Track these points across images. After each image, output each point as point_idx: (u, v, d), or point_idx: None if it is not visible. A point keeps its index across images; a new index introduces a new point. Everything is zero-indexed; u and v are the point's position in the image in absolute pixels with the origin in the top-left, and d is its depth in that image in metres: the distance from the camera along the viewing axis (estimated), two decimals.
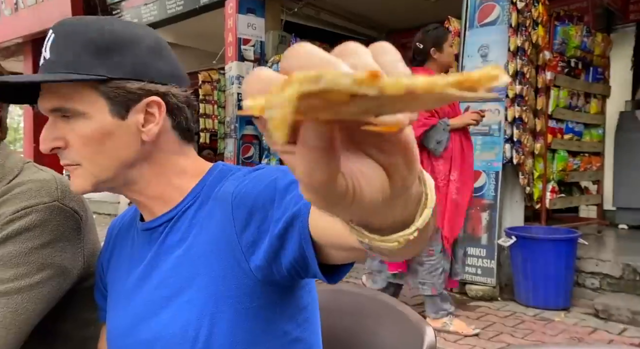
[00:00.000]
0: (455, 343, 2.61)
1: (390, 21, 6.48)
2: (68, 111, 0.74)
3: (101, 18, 0.79)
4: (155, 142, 0.78)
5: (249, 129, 5.46)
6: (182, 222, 0.78)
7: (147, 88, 0.76)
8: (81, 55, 0.73)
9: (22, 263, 0.85)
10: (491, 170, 3.43)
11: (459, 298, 3.44)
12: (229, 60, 5.30)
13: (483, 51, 3.51)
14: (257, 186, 0.69)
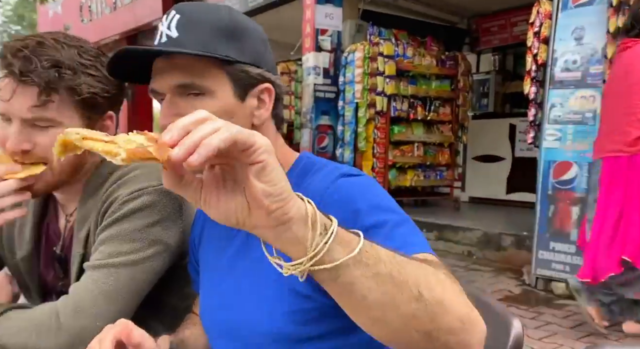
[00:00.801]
0: (539, 341, 2.48)
1: (473, 6, 6.19)
2: (198, 87, 0.76)
3: (217, 4, 0.82)
4: (260, 128, 0.81)
5: (324, 119, 5.51)
6: None
7: (263, 75, 0.80)
8: (211, 37, 0.76)
9: (137, 238, 0.95)
10: (583, 161, 3.19)
11: (544, 295, 3.26)
12: (306, 51, 5.37)
13: (577, 34, 3.25)
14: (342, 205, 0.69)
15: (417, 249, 0.64)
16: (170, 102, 0.76)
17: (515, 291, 3.41)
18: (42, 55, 0.90)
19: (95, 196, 1.02)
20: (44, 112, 0.91)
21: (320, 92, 5.39)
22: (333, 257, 0.51)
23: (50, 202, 1.11)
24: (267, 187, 0.51)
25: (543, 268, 3.38)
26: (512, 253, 4.12)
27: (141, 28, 7.55)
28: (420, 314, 0.53)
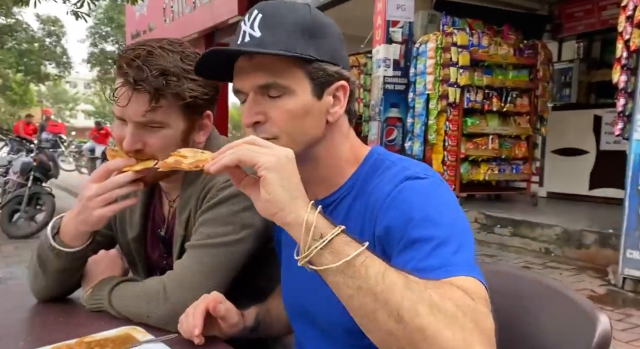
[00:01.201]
0: (628, 344, 2.35)
1: None
2: (280, 86, 0.79)
3: (297, 3, 0.84)
4: (334, 125, 0.84)
5: (393, 111, 5.48)
6: (339, 212, 0.85)
7: (340, 72, 0.82)
8: (293, 36, 0.78)
9: (231, 222, 1.06)
10: None
11: (633, 296, 3.07)
12: (376, 43, 5.36)
13: None
14: (399, 209, 0.74)
15: (452, 272, 0.66)
16: (252, 102, 0.80)
17: (599, 291, 3.23)
18: (152, 65, 0.99)
19: (195, 184, 1.13)
20: (154, 116, 1.01)
21: (389, 85, 5.36)
22: (321, 261, 0.64)
23: (156, 190, 1.24)
24: (267, 195, 0.67)
25: (632, 268, 3.17)
26: (595, 251, 3.89)
27: (218, 26, 7.89)
28: (398, 335, 0.59)
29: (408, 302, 0.59)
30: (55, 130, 14.34)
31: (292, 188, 0.68)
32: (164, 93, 1.00)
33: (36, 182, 5.70)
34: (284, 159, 0.69)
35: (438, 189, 0.77)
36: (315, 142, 0.83)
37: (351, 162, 0.87)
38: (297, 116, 0.79)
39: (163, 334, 0.92)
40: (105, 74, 19.19)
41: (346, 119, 0.87)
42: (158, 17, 9.82)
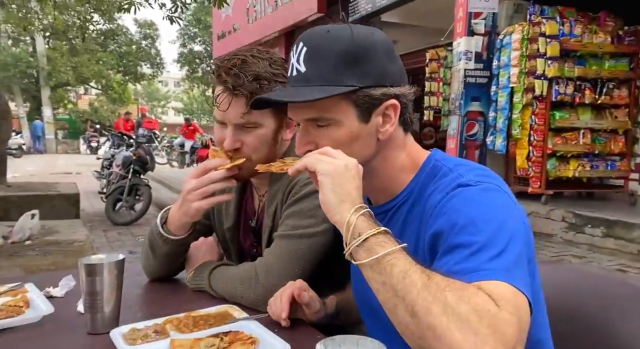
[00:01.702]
0: None
1: None
2: (325, 119, 0.84)
3: (340, 27, 0.86)
4: (386, 140, 0.87)
5: (474, 105, 5.31)
6: (399, 217, 0.90)
7: (388, 93, 0.84)
8: (335, 68, 0.82)
9: (313, 215, 1.15)
10: None
11: None
12: (457, 36, 5.22)
13: None
14: (447, 215, 0.77)
15: (484, 277, 0.68)
16: (303, 131, 0.88)
17: None
18: (247, 71, 1.11)
19: (281, 181, 1.24)
20: (250, 117, 1.13)
21: (471, 78, 5.20)
22: (357, 257, 0.73)
23: (248, 186, 1.37)
24: (322, 197, 0.78)
25: None
26: None
27: (298, 24, 8.09)
28: (413, 329, 0.65)
29: (423, 301, 0.64)
30: (150, 126, 15.56)
31: (342, 193, 0.77)
32: (258, 96, 1.11)
33: (135, 175, 6.26)
34: (341, 167, 0.78)
35: (487, 195, 0.79)
36: (369, 160, 0.87)
37: (409, 169, 0.90)
38: (344, 143, 0.84)
39: (255, 314, 1.03)
40: (193, 72, 20.38)
41: (400, 131, 0.90)
42: (242, 18, 10.28)
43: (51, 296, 1.14)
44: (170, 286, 1.28)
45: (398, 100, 0.85)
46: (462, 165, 0.86)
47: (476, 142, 5.41)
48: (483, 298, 0.64)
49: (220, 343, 0.86)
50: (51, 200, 5.51)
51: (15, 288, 1.16)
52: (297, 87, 0.85)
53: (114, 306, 0.97)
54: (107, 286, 0.95)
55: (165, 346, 0.86)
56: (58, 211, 5.33)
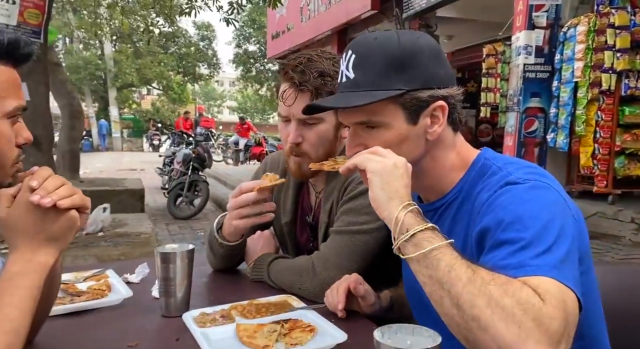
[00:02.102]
0: None
1: None
2: (374, 123, 0.88)
3: (387, 34, 0.89)
4: (435, 140, 0.89)
5: (534, 101, 5.10)
6: (448, 215, 0.92)
7: (436, 95, 0.87)
8: (383, 73, 0.85)
9: (368, 212, 1.19)
10: None
11: None
12: (516, 29, 5.04)
13: None
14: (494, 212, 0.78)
15: (529, 272, 0.69)
16: (353, 134, 0.91)
17: None
18: (312, 68, 1.18)
19: (337, 178, 1.29)
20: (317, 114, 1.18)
21: (530, 73, 5.01)
22: (405, 252, 0.76)
23: (305, 183, 1.43)
24: (371, 194, 0.81)
25: None
26: None
27: (351, 22, 8.11)
28: (459, 321, 0.68)
29: (467, 294, 0.66)
30: (207, 125, 16.18)
31: (390, 190, 0.80)
32: (322, 91, 1.18)
33: (194, 171, 6.54)
34: (390, 166, 0.81)
35: (535, 193, 0.79)
36: (418, 160, 0.90)
37: (458, 168, 0.92)
38: (393, 144, 0.87)
39: (312, 304, 1.09)
40: (247, 72, 20.87)
41: (450, 131, 0.92)
42: (295, 17, 10.43)
43: (129, 281, 1.26)
44: (233, 276, 1.36)
45: (446, 101, 0.87)
46: (512, 163, 0.87)
47: (536, 139, 5.21)
48: (527, 292, 0.65)
49: (281, 329, 0.92)
50: (119, 195, 5.90)
51: (98, 273, 1.29)
52: (347, 92, 0.89)
53: (185, 291, 1.06)
54: (179, 273, 1.04)
55: (231, 330, 0.94)
56: (125, 205, 5.70)
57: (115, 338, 0.94)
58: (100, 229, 4.27)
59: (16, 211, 0.75)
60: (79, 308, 1.07)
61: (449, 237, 0.87)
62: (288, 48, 11.21)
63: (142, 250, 3.80)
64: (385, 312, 1.12)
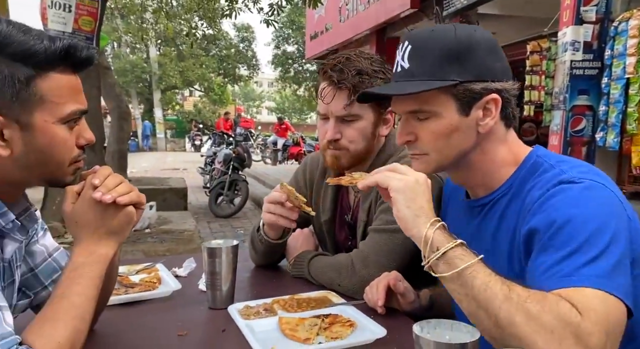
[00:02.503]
0: None
1: None
2: (425, 111, 0.89)
3: (444, 26, 0.91)
4: (487, 133, 0.89)
5: (582, 99, 4.89)
6: (496, 211, 0.91)
7: (489, 87, 0.87)
8: (437, 64, 0.86)
9: None
10: None
11: None
12: (563, 25, 4.86)
13: None
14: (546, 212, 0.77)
15: (576, 283, 0.69)
16: (404, 123, 0.93)
17: None
18: (350, 67, 1.22)
19: None
20: (351, 109, 1.23)
21: (578, 70, 4.81)
22: (437, 270, 0.77)
23: (339, 189, 1.45)
24: (396, 212, 0.83)
25: None
26: None
27: (389, 21, 8.05)
28: (497, 337, 0.69)
29: (505, 312, 0.67)
30: (246, 125, 16.47)
31: (415, 208, 0.83)
32: (359, 89, 1.20)
33: (234, 171, 6.71)
34: (412, 183, 0.83)
35: (589, 194, 0.77)
36: (467, 152, 0.90)
37: (509, 164, 0.92)
38: (443, 135, 0.88)
39: (351, 300, 1.11)
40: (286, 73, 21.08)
41: (502, 125, 0.92)
42: (334, 17, 10.46)
43: (177, 275, 1.33)
44: (274, 272, 1.41)
45: (500, 95, 0.87)
46: (565, 162, 0.86)
47: (583, 138, 5.00)
48: (565, 308, 0.66)
49: (321, 323, 0.95)
50: (163, 193, 6.13)
51: (148, 267, 1.36)
52: (401, 82, 0.90)
53: (230, 285, 1.11)
54: (224, 267, 1.09)
55: (274, 323, 0.98)
56: (169, 203, 5.91)
57: (166, 327, 1.00)
58: (147, 226, 4.45)
59: (80, 207, 0.81)
60: (133, 298, 1.14)
61: (496, 234, 0.88)
62: (326, 48, 11.25)
63: (186, 247, 3.94)
64: (424, 311, 1.13)
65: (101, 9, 4.40)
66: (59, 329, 0.72)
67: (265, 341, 0.89)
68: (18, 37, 0.72)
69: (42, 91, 0.74)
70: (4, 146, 0.73)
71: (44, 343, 0.69)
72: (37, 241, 0.95)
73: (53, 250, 0.97)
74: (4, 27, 0.71)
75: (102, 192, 0.79)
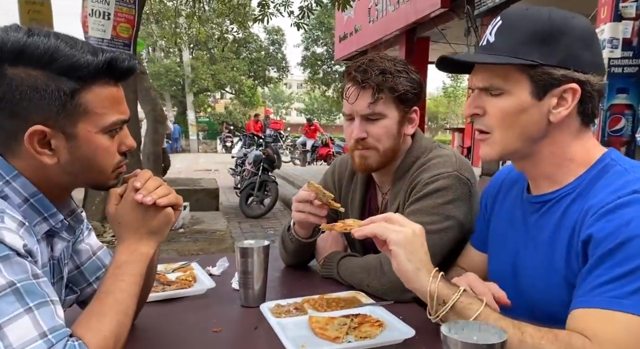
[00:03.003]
0: None
1: None
2: (496, 88, 0.87)
3: (540, 8, 0.87)
4: (559, 124, 0.86)
5: (620, 97, 4.72)
6: (557, 209, 0.89)
7: (570, 76, 0.83)
8: (521, 42, 0.83)
9: (435, 213, 1.21)
10: None
11: None
12: (600, 22, 4.71)
13: None
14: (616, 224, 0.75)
15: (620, 307, 0.69)
16: (476, 96, 0.91)
17: None
18: (373, 67, 1.24)
19: (404, 179, 1.32)
20: (375, 107, 1.25)
21: (616, 68, 4.64)
22: (448, 319, 0.78)
23: (371, 183, 1.47)
24: (396, 265, 0.86)
25: None
26: None
27: (419, 21, 7.98)
28: None
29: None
30: (276, 127, 16.64)
31: (416, 261, 0.85)
32: (383, 88, 1.24)
33: (264, 172, 6.79)
34: (411, 235, 0.86)
35: None
36: (535, 140, 0.88)
37: (581, 162, 0.88)
38: (510, 114, 0.86)
39: (380, 301, 1.13)
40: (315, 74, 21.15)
41: (577, 120, 0.87)
42: (363, 18, 10.44)
43: (211, 274, 1.37)
44: (304, 272, 1.44)
45: (581, 86, 0.83)
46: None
47: (622, 138, 4.82)
48: (578, 343, 0.69)
49: (351, 323, 0.97)
50: (196, 194, 6.27)
51: (184, 265, 1.42)
52: (482, 54, 0.89)
53: (262, 284, 1.14)
54: (256, 267, 1.13)
55: (304, 321, 1.00)
56: (202, 204, 6.05)
57: (201, 324, 1.04)
58: (180, 226, 4.58)
59: (123, 208, 0.86)
60: (170, 295, 1.19)
61: (554, 234, 0.87)
62: (355, 49, 11.24)
63: (218, 247, 4.03)
64: None
65: (138, 16, 4.56)
66: (105, 323, 0.76)
67: (296, 339, 0.91)
68: (65, 52, 0.75)
69: (86, 103, 0.78)
70: (51, 155, 0.78)
71: (91, 335, 0.74)
72: (83, 240, 1.01)
73: (97, 249, 1.03)
74: (53, 42, 0.75)
75: (143, 195, 0.84)
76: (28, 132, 0.75)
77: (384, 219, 0.91)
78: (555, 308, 0.85)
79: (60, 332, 0.70)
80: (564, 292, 0.84)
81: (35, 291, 0.69)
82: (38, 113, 0.75)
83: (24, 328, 0.66)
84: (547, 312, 0.88)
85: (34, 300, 0.68)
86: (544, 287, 0.89)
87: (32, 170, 0.79)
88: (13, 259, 0.69)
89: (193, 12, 8.23)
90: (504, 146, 0.89)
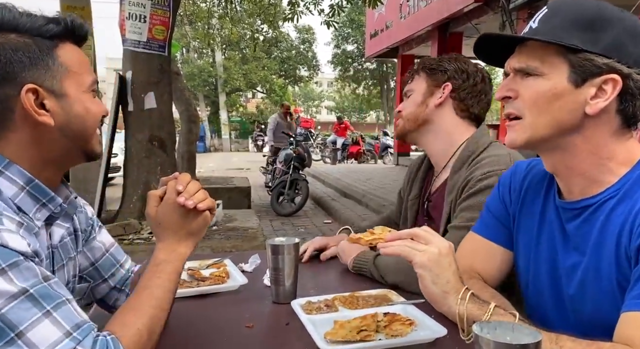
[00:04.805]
0: None
1: None
2: (532, 70, 0.83)
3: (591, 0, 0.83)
4: (596, 118, 0.81)
5: None
6: (600, 215, 0.83)
7: (612, 66, 0.79)
8: (564, 27, 0.80)
9: None
10: None
11: None
12: None
13: None
14: None
15: None
16: (510, 79, 0.87)
17: None
18: (428, 59, 1.44)
19: (459, 173, 1.34)
20: (411, 85, 1.45)
21: None
22: None
23: (432, 169, 1.53)
24: (424, 289, 0.88)
25: None
26: None
27: (452, 16, 7.85)
28: None
29: None
30: (306, 125, 16.72)
31: (442, 283, 0.84)
32: (418, 70, 1.49)
33: (295, 170, 6.83)
34: (436, 256, 0.84)
35: None
36: (567, 130, 0.83)
37: (622, 162, 0.83)
38: (544, 97, 0.82)
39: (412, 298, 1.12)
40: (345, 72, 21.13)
41: (617, 119, 0.82)
42: (394, 15, 10.35)
43: (243, 270, 1.40)
44: (334, 269, 1.44)
45: (623, 79, 0.79)
46: None
47: None
48: None
49: (381, 321, 0.97)
50: (229, 192, 6.38)
51: (217, 262, 1.45)
52: (523, 36, 0.87)
53: (293, 281, 1.16)
54: (287, 264, 1.14)
55: (335, 318, 1.01)
56: (234, 202, 6.15)
57: (234, 319, 1.06)
58: (214, 224, 4.67)
59: (163, 210, 0.89)
60: (204, 291, 1.22)
61: (598, 238, 0.83)
62: (386, 46, 11.15)
63: (250, 244, 4.09)
64: None
65: (172, 18, 4.67)
66: (139, 317, 0.79)
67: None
68: (32, 16, 0.79)
69: (65, 62, 0.81)
70: (49, 115, 0.80)
71: (125, 329, 0.76)
72: (95, 237, 1.05)
73: (109, 246, 1.08)
74: (16, 10, 0.79)
75: (185, 198, 0.87)
76: (23, 91, 0.77)
77: (409, 235, 0.90)
78: (604, 315, 0.82)
79: (85, 328, 0.71)
80: (615, 298, 0.80)
81: (50, 294, 0.69)
82: (26, 73, 0.78)
83: (47, 331, 0.66)
84: (593, 320, 0.85)
85: (50, 303, 0.69)
86: (593, 294, 0.84)
87: (27, 145, 0.80)
88: (22, 265, 0.68)
89: (225, 12, 8.38)
90: (533, 132, 0.85)
